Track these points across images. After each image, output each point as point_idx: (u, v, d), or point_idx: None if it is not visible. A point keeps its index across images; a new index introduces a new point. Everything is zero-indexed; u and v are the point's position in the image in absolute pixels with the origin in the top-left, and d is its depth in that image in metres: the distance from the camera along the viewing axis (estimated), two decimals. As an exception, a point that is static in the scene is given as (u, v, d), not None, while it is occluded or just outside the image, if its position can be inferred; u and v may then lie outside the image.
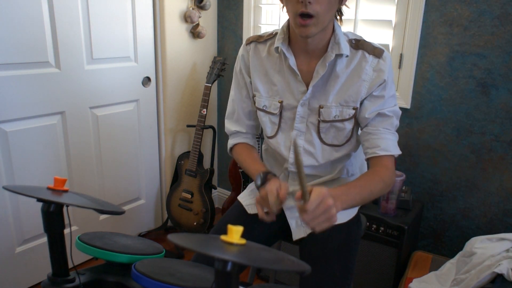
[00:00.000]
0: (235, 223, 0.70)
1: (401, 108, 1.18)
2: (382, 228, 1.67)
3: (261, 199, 1.00)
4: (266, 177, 1.09)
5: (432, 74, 1.78)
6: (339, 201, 0.90)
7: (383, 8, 1.86)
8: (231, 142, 1.31)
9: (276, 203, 0.96)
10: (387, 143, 1.08)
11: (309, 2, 0.94)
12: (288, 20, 1.13)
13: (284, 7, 1.07)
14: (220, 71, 2.30)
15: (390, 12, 1.84)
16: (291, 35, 1.11)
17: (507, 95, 1.62)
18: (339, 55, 1.08)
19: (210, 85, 2.26)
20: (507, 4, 1.55)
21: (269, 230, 1.24)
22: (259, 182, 1.10)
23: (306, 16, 0.97)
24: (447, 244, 1.89)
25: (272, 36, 1.18)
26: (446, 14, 1.69)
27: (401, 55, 1.82)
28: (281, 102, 1.16)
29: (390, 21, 1.83)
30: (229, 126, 1.31)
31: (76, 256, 0.89)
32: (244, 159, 1.24)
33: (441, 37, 1.73)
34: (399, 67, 1.83)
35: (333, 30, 1.08)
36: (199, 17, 2.35)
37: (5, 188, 0.84)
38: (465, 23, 1.66)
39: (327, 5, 0.98)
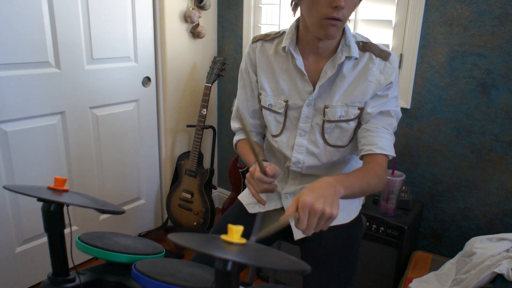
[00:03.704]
0: (235, 222, 0.70)
1: (401, 108, 1.18)
2: (382, 228, 1.67)
3: (249, 176, 1.01)
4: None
5: (432, 74, 1.78)
6: (339, 184, 0.86)
7: (383, 8, 1.86)
8: (235, 138, 1.33)
9: (262, 178, 0.98)
10: (384, 143, 1.08)
11: (342, 8, 0.95)
12: (297, 20, 1.12)
13: (298, 7, 1.07)
14: (220, 71, 2.30)
15: (390, 12, 1.84)
16: (300, 35, 1.11)
17: (507, 95, 1.62)
18: (348, 57, 1.08)
19: (210, 85, 2.27)
20: (507, 4, 1.56)
21: None
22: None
23: (333, 19, 0.97)
24: (447, 244, 1.89)
25: (279, 35, 1.17)
26: (446, 14, 1.69)
27: (401, 55, 1.82)
28: (286, 101, 1.16)
29: (390, 21, 1.83)
30: (234, 124, 1.34)
31: (76, 256, 0.89)
32: (244, 153, 1.24)
33: (441, 37, 1.73)
34: (399, 67, 1.84)
35: (343, 32, 1.09)
36: (199, 17, 2.35)
37: (5, 188, 0.84)
38: (465, 23, 1.66)
39: (352, 10, 1.01)
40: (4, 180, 1.76)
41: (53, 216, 0.84)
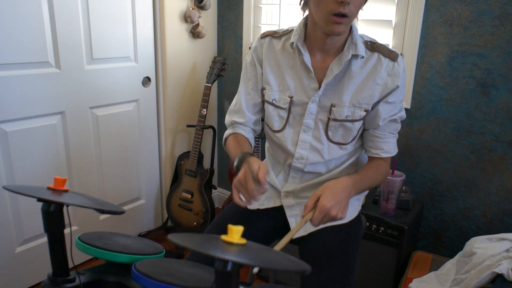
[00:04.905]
0: (233, 218, 0.71)
1: (401, 108, 1.20)
2: (382, 228, 1.67)
3: (237, 183, 1.00)
4: (245, 157, 1.05)
5: (432, 74, 1.78)
6: (354, 189, 1.04)
7: (383, 8, 1.86)
8: (226, 133, 1.28)
9: (255, 187, 0.97)
10: (390, 147, 1.17)
11: (348, 3, 0.96)
12: (305, 18, 1.13)
13: (307, 5, 1.08)
14: (220, 71, 2.30)
15: (390, 12, 1.84)
16: (308, 32, 1.12)
17: (507, 95, 1.62)
18: (355, 56, 1.09)
19: (210, 85, 2.27)
20: (507, 4, 1.56)
21: (268, 227, 1.24)
22: (236, 163, 1.07)
23: (340, 15, 0.98)
24: (447, 244, 1.89)
25: (287, 32, 1.18)
26: (446, 14, 1.69)
27: (401, 55, 1.82)
28: (291, 97, 1.16)
29: (390, 21, 1.83)
30: (228, 117, 1.29)
31: (76, 256, 0.89)
32: (232, 148, 1.19)
33: (441, 37, 1.73)
34: (399, 67, 1.84)
35: (351, 31, 1.10)
36: (199, 17, 2.35)
37: (5, 188, 0.84)
38: (465, 23, 1.66)
39: (359, 6, 1.02)
40: (4, 180, 1.76)
41: (53, 216, 0.84)
